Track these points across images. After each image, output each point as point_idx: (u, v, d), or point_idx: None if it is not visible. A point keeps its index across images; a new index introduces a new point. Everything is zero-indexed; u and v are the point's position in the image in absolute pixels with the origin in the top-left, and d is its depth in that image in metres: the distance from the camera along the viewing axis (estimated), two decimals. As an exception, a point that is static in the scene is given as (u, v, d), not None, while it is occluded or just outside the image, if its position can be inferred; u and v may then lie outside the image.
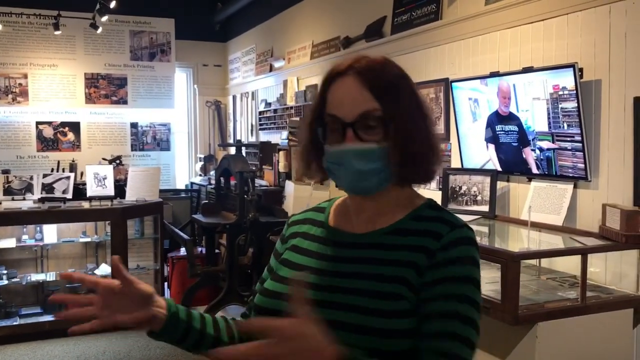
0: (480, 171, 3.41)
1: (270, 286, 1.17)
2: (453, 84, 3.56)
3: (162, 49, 8.11)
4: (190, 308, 1.18)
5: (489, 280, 2.48)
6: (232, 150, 6.09)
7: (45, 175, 5.05)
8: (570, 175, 2.85)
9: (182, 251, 5.33)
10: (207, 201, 5.97)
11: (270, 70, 6.96)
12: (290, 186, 4.92)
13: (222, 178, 5.33)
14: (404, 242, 1.09)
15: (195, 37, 8.44)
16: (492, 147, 3.34)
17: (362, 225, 1.15)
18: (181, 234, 5.16)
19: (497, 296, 2.29)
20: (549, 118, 2.91)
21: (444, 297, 1.03)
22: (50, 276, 5.04)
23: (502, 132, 3.26)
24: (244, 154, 5.93)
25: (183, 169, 8.73)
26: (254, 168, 5.16)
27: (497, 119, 3.27)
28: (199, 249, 5.47)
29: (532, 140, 3.04)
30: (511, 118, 3.17)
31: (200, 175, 8.07)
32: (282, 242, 1.26)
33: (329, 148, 1.10)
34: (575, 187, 2.87)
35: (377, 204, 1.14)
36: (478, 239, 3.34)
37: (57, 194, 4.97)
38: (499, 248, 2.49)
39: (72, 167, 6.62)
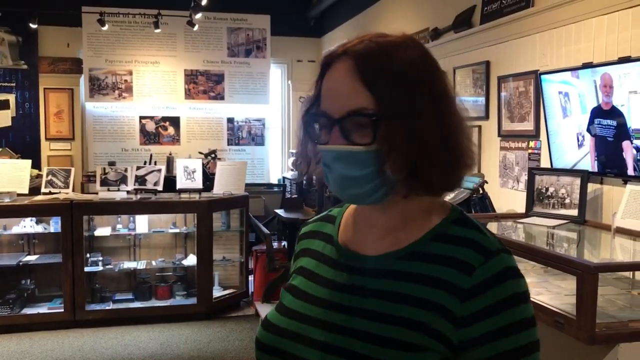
0: (570, 172, 3.11)
1: (273, 318, 1.00)
2: (542, 76, 3.29)
3: (258, 45, 8.24)
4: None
5: (569, 292, 2.24)
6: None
7: (138, 168, 5.27)
8: (671, 178, 2.53)
9: (266, 245, 5.37)
10: (289, 196, 5.98)
11: (361, 65, 6.84)
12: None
13: (305, 173, 5.31)
14: (423, 271, 0.90)
15: (290, 32, 8.50)
16: (591, 143, 3.02)
17: (373, 243, 0.96)
18: (263, 227, 5.20)
19: (573, 310, 2.06)
20: (647, 113, 2.60)
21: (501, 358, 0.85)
22: (142, 264, 5.25)
23: (600, 126, 2.94)
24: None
25: (276, 163, 8.85)
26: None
27: (598, 113, 2.95)
28: (283, 243, 5.49)
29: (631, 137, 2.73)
30: (614, 112, 2.84)
31: (291, 170, 8.13)
32: (294, 260, 1.10)
33: (319, 148, 0.94)
34: (677, 191, 2.54)
35: (386, 218, 0.95)
36: (565, 245, 2.96)
37: (149, 185, 5.17)
38: (574, 257, 2.24)
39: (169, 161, 6.90)
